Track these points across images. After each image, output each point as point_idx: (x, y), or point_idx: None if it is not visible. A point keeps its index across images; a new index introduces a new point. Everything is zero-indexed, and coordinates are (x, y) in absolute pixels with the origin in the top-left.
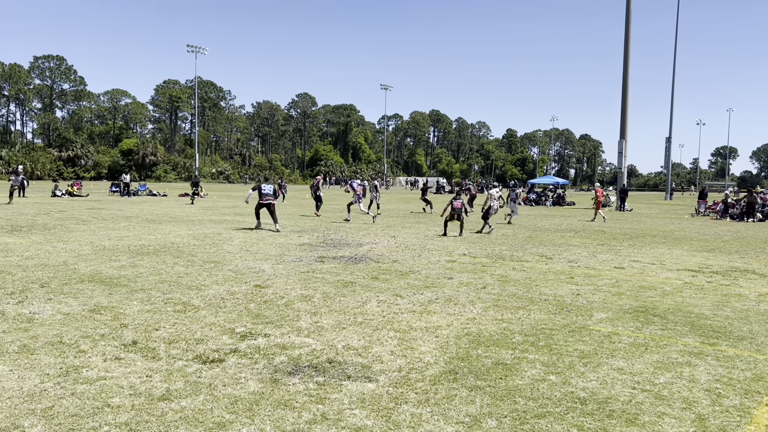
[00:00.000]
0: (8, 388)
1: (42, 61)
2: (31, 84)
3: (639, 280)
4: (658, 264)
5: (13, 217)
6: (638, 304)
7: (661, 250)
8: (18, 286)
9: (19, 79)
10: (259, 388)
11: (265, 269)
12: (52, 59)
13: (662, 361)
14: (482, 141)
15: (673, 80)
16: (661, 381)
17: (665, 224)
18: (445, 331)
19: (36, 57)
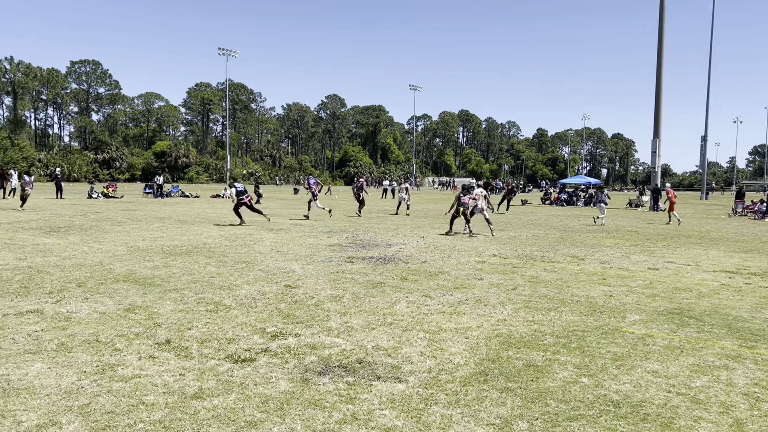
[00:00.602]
0: (46, 385)
1: (78, 66)
2: (68, 88)
3: (674, 281)
4: (694, 265)
5: (51, 218)
6: (673, 306)
7: (697, 251)
8: (56, 286)
9: (56, 84)
10: (289, 388)
11: (295, 269)
12: (88, 64)
13: (698, 364)
14: (512, 141)
15: (709, 76)
16: (697, 384)
17: (701, 224)
18: (475, 333)
19: (72, 62)
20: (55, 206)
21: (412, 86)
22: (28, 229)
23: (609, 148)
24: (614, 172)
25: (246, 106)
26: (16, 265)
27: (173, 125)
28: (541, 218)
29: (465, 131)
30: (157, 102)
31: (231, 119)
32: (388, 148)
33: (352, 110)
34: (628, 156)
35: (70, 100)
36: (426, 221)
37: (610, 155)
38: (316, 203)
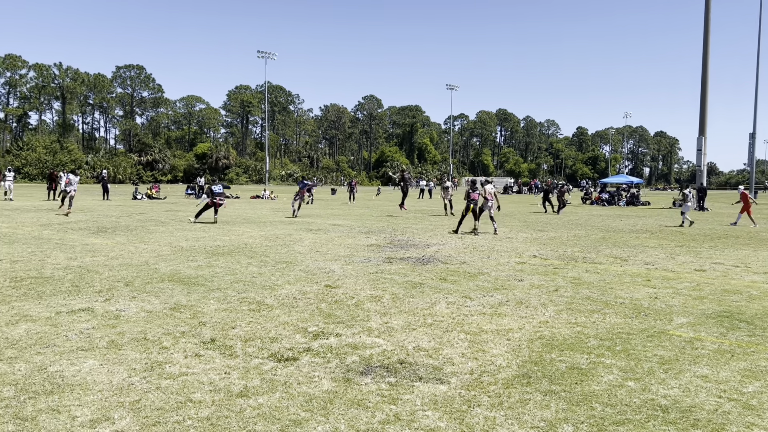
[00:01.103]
0: (99, 382)
1: (123, 71)
2: (114, 92)
3: (722, 283)
4: (743, 267)
5: (98, 219)
6: (722, 308)
7: (746, 252)
8: (105, 285)
9: (103, 88)
10: (332, 387)
11: (335, 270)
12: (132, 68)
13: (750, 368)
14: (551, 140)
15: (757, 71)
16: (749, 390)
17: (749, 224)
18: (517, 334)
19: (118, 67)
20: (102, 207)
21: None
22: (77, 230)
23: (651, 147)
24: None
25: (284, 107)
26: (67, 264)
27: (214, 127)
28: (582, 218)
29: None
30: (198, 105)
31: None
32: (425, 148)
33: (389, 111)
34: (671, 154)
35: (116, 104)
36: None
37: (652, 154)
38: (294, 203)
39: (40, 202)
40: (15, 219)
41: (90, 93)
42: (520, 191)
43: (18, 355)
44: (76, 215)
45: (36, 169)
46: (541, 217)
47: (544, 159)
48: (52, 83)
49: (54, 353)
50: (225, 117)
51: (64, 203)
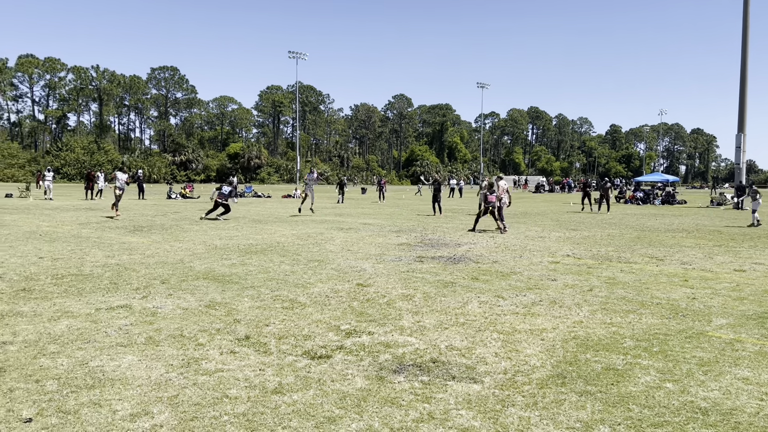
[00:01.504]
0: (138, 377)
1: (158, 72)
2: (149, 94)
3: (763, 284)
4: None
5: (135, 218)
6: (763, 309)
7: None
8: (142, 282)
9: (138, 90)
10: (365, 385)
11: (366, 268)
12: (166, 70)
13: None
14: (584, 137)
15: None
16: None
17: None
18: (551, 334)
19: (152, 68)
20: (137, 206)
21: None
22: (114, 228)
23: (688, 144)
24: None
25: (315, 107)
26: (105, 262)
27: (246, 127)
28: (616, 217)
29: (534, 128)
30: (231, 105)
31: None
32: (455, 146)
33: (419, 109)
34: (708, 152)
35: (151, 105)
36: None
37: (689, 151)
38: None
39: (79, 202)
40: (55, 218)
41: (126, 94)
42: (552, 190)
43: (60, 350)
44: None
45: (74, 169)
46: (574, 216)
47: (577, 157)
48: (90, 85)
49: (94, 348)
50: (257, 117)
51: (116, 207)
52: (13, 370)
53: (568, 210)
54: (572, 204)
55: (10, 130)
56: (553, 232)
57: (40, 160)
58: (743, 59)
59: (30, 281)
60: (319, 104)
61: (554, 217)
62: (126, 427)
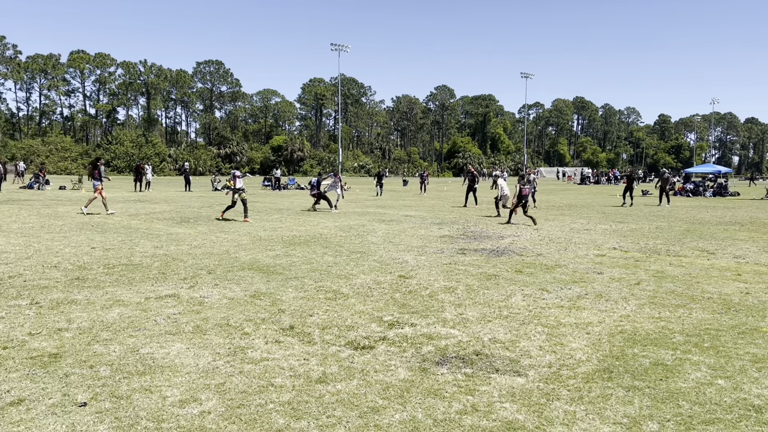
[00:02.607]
0: (186, 364)
1: (203, 66)
2: (194, 87)
3: None
4: None
5: (181, 210)
6: None
7: None
8: (189, 273)
9: (184, 84)
10: (408, 376)
11: (408, 260)
12: (211, 64)
13: None
14: (631, 128)
15: None
16: None
17: None
18: (597, 328)
19: (198, 63)
20: (184, 198)
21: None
22: (162, 220)
23: (741, 134)
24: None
25: (357, 100)
26: (154, 252)
27: (289, 120)
28: (665, 210)
29: (580, 119)
30: (274, 98)
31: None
32: (498, 138)
33: (461, 100)
34: (763, 142)
35: (196, 99)
36: (539, 213)
37: (742, 141)
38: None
39: (128, 194)
40: None
41: (172, 88)
42: (598, 182)
43: (112, 338)
44: (161, 206)
45: (123, 162)
46: (621, 209)
47: (624, 148)
48: (138, 80)
49: (144, 336)
50: (299, 110)
51: (246, 213)
52: (69, 356)
53: (614, 202)
54: (618, 196)
55: (63, 125)
56: (598, 224)
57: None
58: None
59: (83, 270)
60: (360, 96)
61: (600, 209)
62: (175, 413)
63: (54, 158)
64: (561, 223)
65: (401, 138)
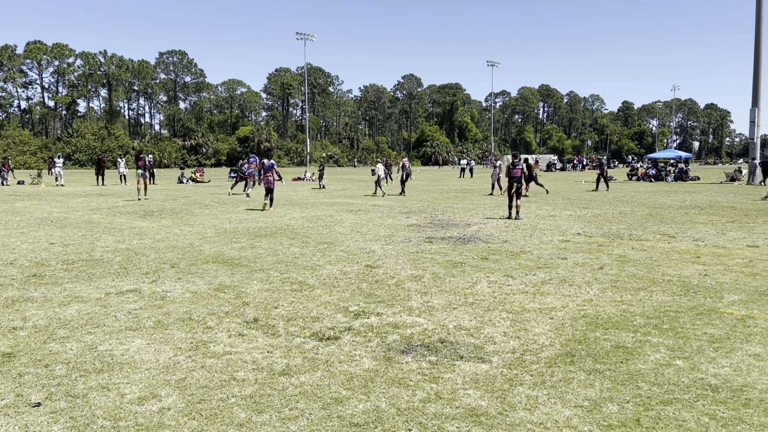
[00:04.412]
0: (146, 360)
1: (166, 57)
2: (157, 78)
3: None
4: None
5: (145, 203)
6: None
7: None
8: (152, 267)
9: (147, 75)
10: (373, 366)
11: (375, 250)
12: (175, 54)
13: None
14: (596, 115)
15: None
16: None
17: None
18: (560, 313)
19: (161, 53)
20: (148, 191)
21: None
22: (125, 213)
23: (701, 120)
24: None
25: (324, 89)
26: (115, 247)
27: (255, 111)
28: (628, 195)
29: (545, 107)
30: (240, 88)
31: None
32: (466, 126)
33: (429, 89)
34: (722, 127)
35: (160, 90)
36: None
37: (702, 127)
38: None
39: (90, 188)
40: (66, 204)
41: (134, 79)
42: (564, 168)
43: (70, 335)
44: (124, 199)
45: (85, 156)
46: (585, 195)
47: (589, 135)
48: (99, 71)
49: (104, 333)
50: (266, 100)
51: (270, 202)
52: (23, 355)
53: (580, 188)
54: (584, 182)
55: (21, 117)
56: (564, 210)
57: (51, 146)
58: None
59: (41, 267)
60: (328, 86)
61: (565, 195)
62: (134, 411)
63: (12, 152)
64: (527, 209)
65: (369, 127)
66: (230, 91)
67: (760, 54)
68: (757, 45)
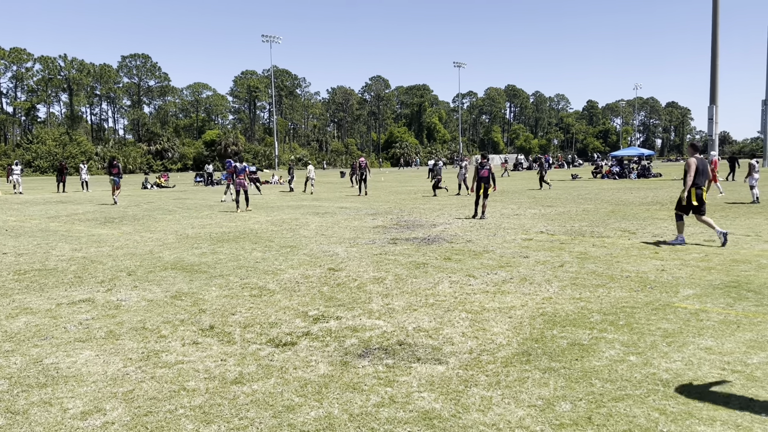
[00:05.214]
0: (93, 373)
1: (129, 60)
2: (120, 83)
3: (731, 253)
4: (754, 235)
5: (106, 210)
6: (730, 278)
7: (757, 221)
8: (108, 275)
9: (109, 79)
10: (328, 371)
11: (339, 252)
12: (138, 58)
13: (756, 339)
14: (561, 114)
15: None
16: (753, 361)
17: (762, 193)
18: (519, 312)
19: (123, 56)
20: (110, 197)
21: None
22: (84, 221)
23: (663, 118)
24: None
25: (291, 92)
26: (71, 256)
27: (221, 114)
28: (592, 192)
29: (512, 107)
30: (205, 92)
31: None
32: (434, 127)
33: (397, 91)
34: (683, 125)
35: (123, 94)
36: (472, 198)
37: (664, 125)
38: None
39: (50, 195)
40: (23, 212)
41: (96, 84)
42: (530, 167)
43: (15, 348)
44: (84, 206)
45: (47, 162)
46: (551, 193)
47: (555, 134)
48: (59, 75)
49: (51, 345)
50: (232, 103)
51: (244, 203)
52: None
53: (545, 187)
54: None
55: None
56: (529, 209)
57: (10, 153)
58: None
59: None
60: (295, 88)
61: (531, 194)
62: (75, 426)
63: None
64: (492, 209)
65: (338, 129)
66: (196, 95)
67: (716, 54)
68: (714, 45)
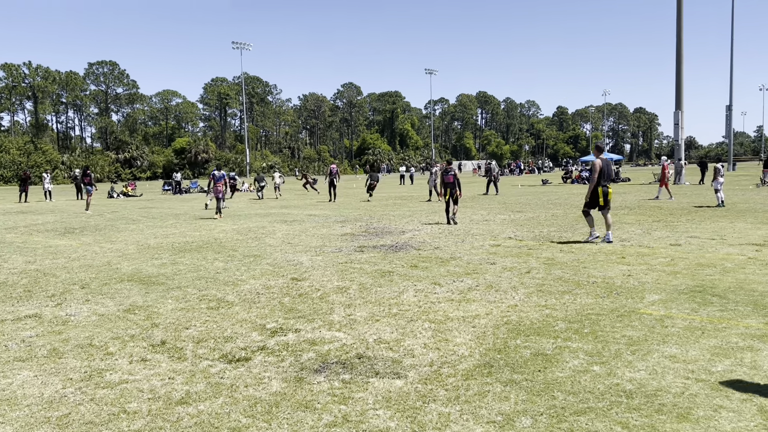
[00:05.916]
0: (29, 395)
1: (96, 67)
2: (87, 90)
3: (697, 257)
4: (719, 239)
5: (68, 220)
6: (695, 283)
7: (722, 224)
8: (59, 288)
9: (75, 86)
10: (281, 389)
11: (304, 261)
12: (105, 65)
13: (720, 346)
14: (532, 120)
15: (732, 44)
16: (718, 369)
17: (727, 196)
18: (483, 320)
19: (90, 63)
20: (74, 207)
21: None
22: (43, 231)
23: (631, 123)
24: (638, 147)
25: (262, 98)
26: (24, 268)
27: (192, 122)
28: (562, 197)
29: (483, 113)
30: (175, 99)
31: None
32: (406, 133)
33: (369, 97)
34: (651, 130)
35: (90, 102)
36: (442, 205)
37: (632, 130)
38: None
39: (11, 205)
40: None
41: (62, 91)
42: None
43: None
44: (45, 216)
45: (10, 172)
46: (521, 199)
47: (526, 140)
48: (23, 83)
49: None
50: (202, 110)
51: (219, 211)
52: None
53: (516, 192)
54: (520, 186)
55: None
56: (498, 215)
57: None
58: (678, 39)
59: None
60: (266, 95)
61: (501, 200)
62: None
63: None
64: (462, 214)
65: (310, 136)
66: (165, 102)
67: (681, 61)
68: (679, 52)
